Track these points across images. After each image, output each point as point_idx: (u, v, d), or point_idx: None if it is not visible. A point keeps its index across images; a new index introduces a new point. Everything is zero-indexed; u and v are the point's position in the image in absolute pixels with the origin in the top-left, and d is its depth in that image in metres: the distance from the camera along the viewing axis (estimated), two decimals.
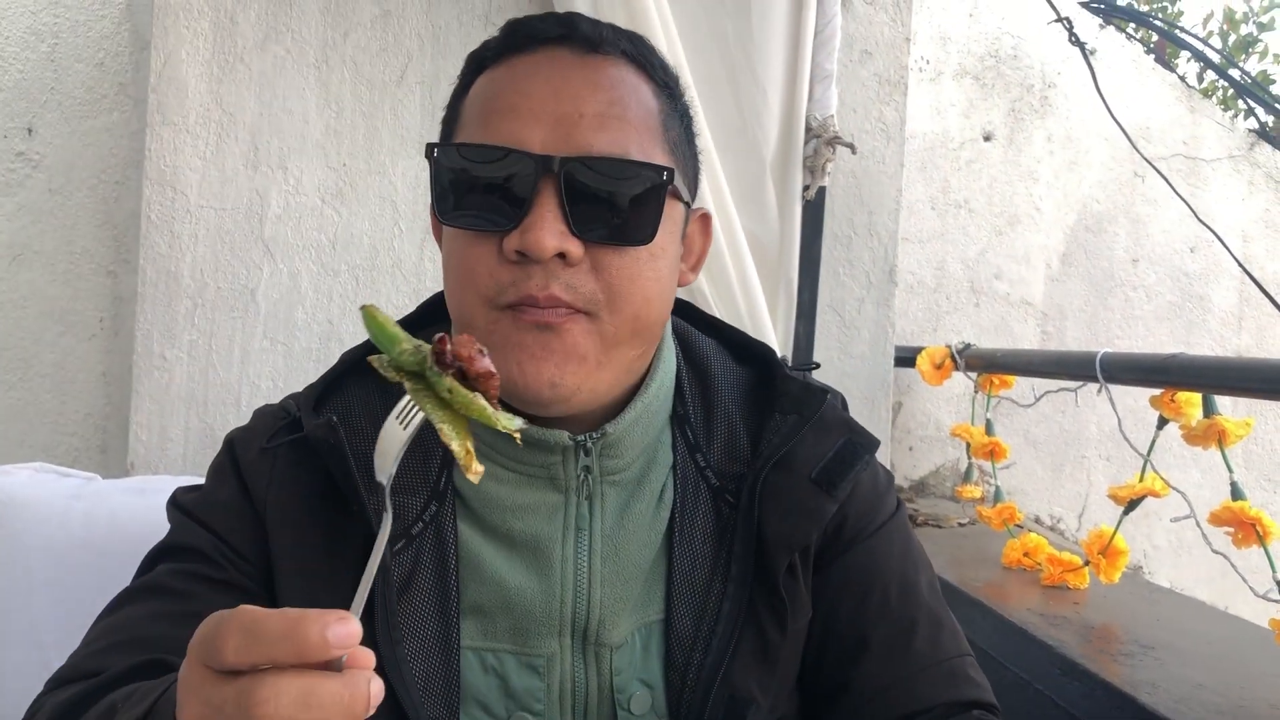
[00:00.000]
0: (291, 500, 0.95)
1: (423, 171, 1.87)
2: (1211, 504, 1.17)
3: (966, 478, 1.96)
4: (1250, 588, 1.16)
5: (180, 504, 1.00)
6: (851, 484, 0.99)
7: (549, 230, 0.84)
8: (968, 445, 1.86)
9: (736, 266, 1.74)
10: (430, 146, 0.90)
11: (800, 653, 0.99)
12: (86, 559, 1.43)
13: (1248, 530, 1.14)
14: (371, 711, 0.58)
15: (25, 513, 1.51)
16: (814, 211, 1.84)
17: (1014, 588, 1.53)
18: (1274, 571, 1.13)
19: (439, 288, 1.02)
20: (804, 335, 1.79)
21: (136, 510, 1.44)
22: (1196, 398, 1.26)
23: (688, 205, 0.96)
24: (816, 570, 0.99)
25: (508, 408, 0.81)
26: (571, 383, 0.89)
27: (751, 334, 1.66)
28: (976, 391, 1.87)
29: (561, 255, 0.85)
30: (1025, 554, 1.58)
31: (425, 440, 0.96)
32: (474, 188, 0.88)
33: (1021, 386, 1.84)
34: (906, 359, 1.97)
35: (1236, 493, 1.19)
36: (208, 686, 0.58)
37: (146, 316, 1.81)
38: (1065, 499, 1.98)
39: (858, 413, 1.90)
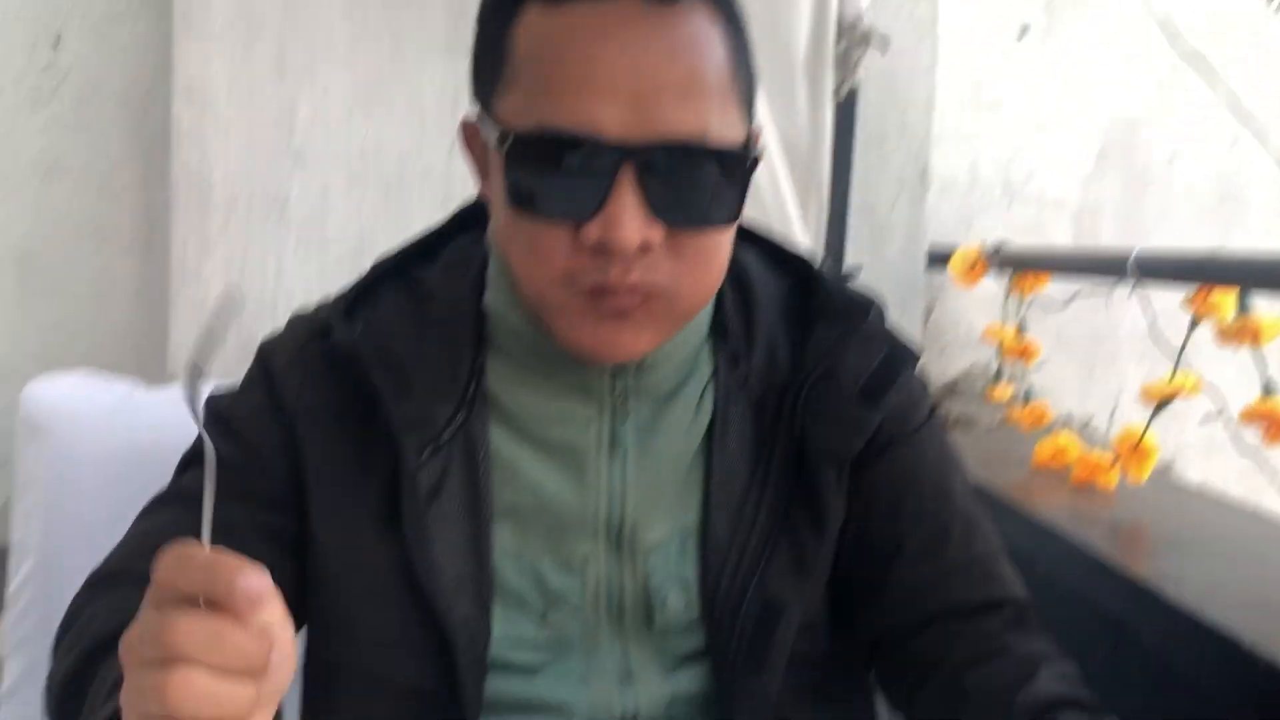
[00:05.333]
0: (322, 408, 0.97)
1: (449, 80, 1.85)
2: (1244, 405, 1.17)
3: (997, 379, 1.96)
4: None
5: (212, 410, 1.02)
6: (895, 396, 1.00)
7: (631, 223, 0.80)
8: (999, 346, 1.86)
9: (767, 170, 1.73)
10: (505, 134, 0.84)
11: (832, 557, 1.01)
12: (130, 465, 1.48)
13: (1278, 428, 1.14)
14: (269, 673, 0.61)
15: (71, 421, 1.55)
16: (845, 112, 1.83)
17: (1043, 487, 1.55)
18: None
19: (467, 195, 1.02)
20: (835, 238, 1.78)
21: (178, 418, 1.47)
22: (1231, 296, 1.25)
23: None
24: (852, 476, 1.00)
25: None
26: (640, 352, 0.90)
27: (780, 238, 1.65)
28: (1009, 293, 1.87)
29: (644, 245, 0.82)
30: (1054, 454, 1.59)
31: (454, 349, 0.97)
32: (546, 174, 0.83)
33: (1055, 288, 1.83)
34: (939, 260, 1.96)
35: (1269, 389, 1.19)
36: (144, 615, 0.61)
37: (181, 229, 1.83)
38: (1097, 399, 1.98)
39: (891, 316, 1.91)
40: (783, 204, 1.75)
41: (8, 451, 2.01)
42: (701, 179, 0.84)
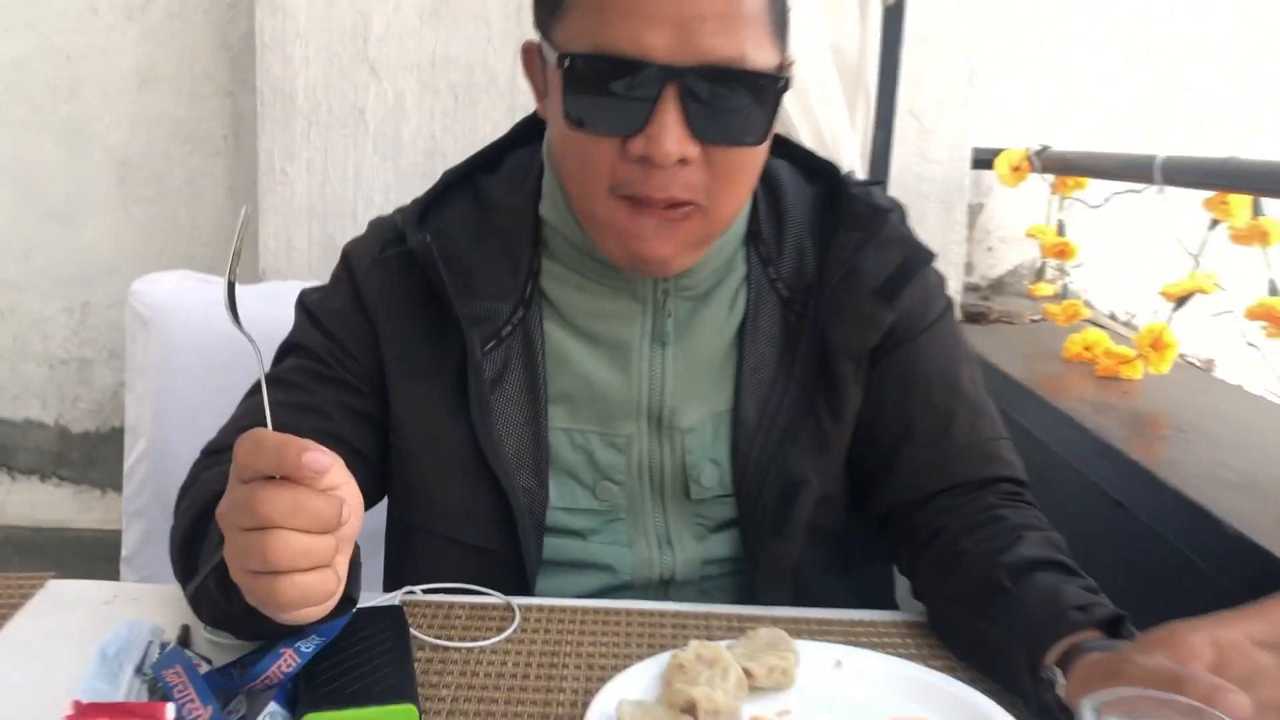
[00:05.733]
0: (400, 305, 1.10)
1: None
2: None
3: (1040, 276, 2.04)
4: None
5: (304, 305, 1.16)
6: (909, 296, 1.11)
7: (672, 138, 0.90)
8: (1040, 246, 1.94)
9: (817, 77, 1.80)
10: (563, 57, 0.93)
11: (849, 439, 1.12)
12: (228, 354, 1.62)
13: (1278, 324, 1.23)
14: (343, 525, 0.74)
15: (174, 316, 1.71)
16: (894, 17, 1.88)
17: (1071, 379, 1.64)
18: None
19: (532, 106, 1.13)
20: (882, 142, 1.86)
21: (269, 312, 1.60)
22: (1246, 200, 1.32)
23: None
24: (869, 368, 1.12)
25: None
26: (680, 263, 1.01)
27: (830, 143, 1.74)
28: (1053, 193, 1.93)
29: (682, 159, 0.92)
30: (1085, 348, 1.68)
31: (513, 253, 1.10)
32: (597, 92, 0.94)
33: (1097, 190, 1.89)
34: (985, 161, 2.03)
35: (1274, 289, 1.27)
36: (232, 490, 0.75)
37: (267, 135, 1.97)
38: (1139, 297, 2.05)
39: (934, 216, 2.00)
40: (831, 108, 1.83)
41: (119, 342, 2.20)
42: (736, 101, 0.94)
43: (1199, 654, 0.73)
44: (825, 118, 1.83)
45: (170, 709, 0.74)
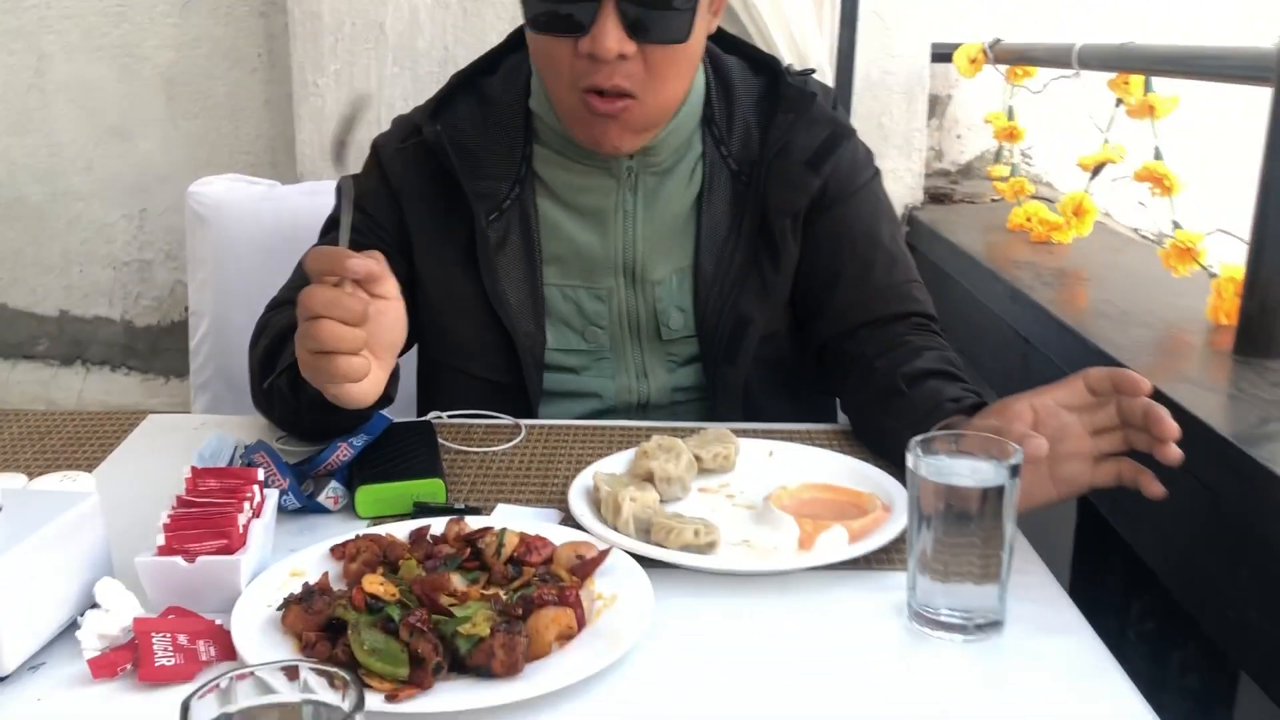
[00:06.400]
0: (419, 185, 1.35)
1: None
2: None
3: (998, 159, 2.25)
4: (1165, 229, 1.49)
5: (341, 187, 1.42)
6: (834, 164, 1.35)
7: (612, 38, 1.15)
8: (993, 129, 2.15)
9: None
10: None
11: (790, 286, 1.37)
12: (276, 242, 1.87)
13: (1160, 184, 1.45)
14: (366, 319, 0.98)
15: (228, 212, 1.97)
16: None
17: (1011, 246, 1.87)
18: (1172, 214, 1.46)
19: None
20: (847, 40, 2.06)
21: (311, 206, 1.85)
22: (1140, 80, 1.54)
23: None
24: (805, 225, 1.36)
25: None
26: (631, 145, 1.27)
27: (800, 43, 1.97)
28: (1005, 82, 2.14)
29: (621, 54, 1.17)
30: (1027, 219, 1.90)
31: (510, 141, 1.34)
32: (550, 3, 1.18)
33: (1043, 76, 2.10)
34: (946, 56, 2.23)
35: (1158, 155, 1.50)
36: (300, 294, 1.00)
37: (299, 50, 2.20)
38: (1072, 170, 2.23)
39: (898, 107, 2.21)
40: (801, 11, 2.03)
41: (175, 244, 2.47)
42: (662, 8, 1.17)
43: (1021, 415, 0.99)
44: (796, 20, 2.04)
45: (260, 472, 1.00)
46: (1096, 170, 1.71)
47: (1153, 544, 1.22)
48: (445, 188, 1.34)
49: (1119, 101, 1.61)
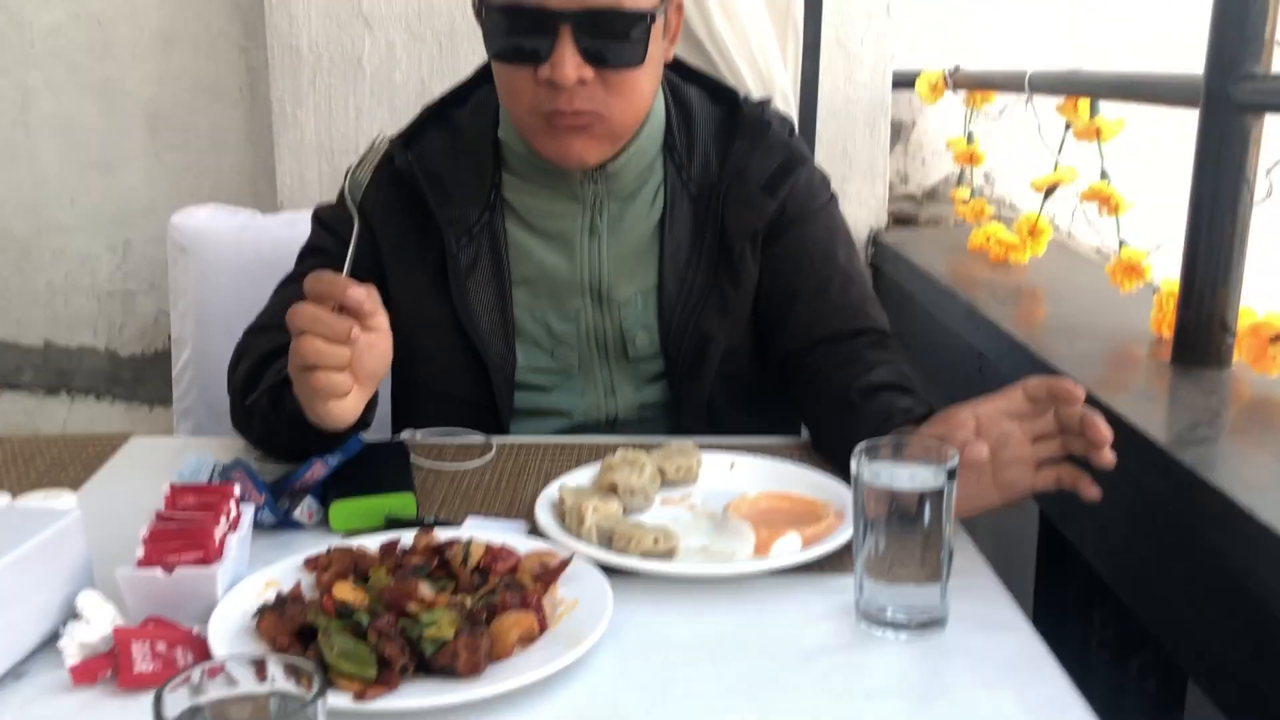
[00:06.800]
0: (392, 212, 1.40)
1: None
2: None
3: (960, 182, 2.32)
4: (1110, 247, 1.55)
5: (318, 217, 1.47)
6: (789, 188, 1.40)
7: (570, 65, 1.21)
8: (953, 154, 2.21)
9: (749, 12, 2.07)
10: (484, 9, 1.26)
11: (750, 304, 1.42)
12: (257, 271, 1.91)
13: (1107, 203, 1.51)
14: (349, 339, 1.03)
15: (209, 240, 2.01)
16: None
17: (971, 266, 1.93)
18: (1119, 232, 1.52)
19: None
20: (810, 69, 2.13)
21: (291, 236, 1.89)
22: (1086, 103, 1.60)
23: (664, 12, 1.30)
24: (765, 246, 1.42)
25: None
26: (594, 159, 1.32)
27: (765, 74, 2.03)
28: (964, 107, 2.21)
29: (580, 80, 1.22)
30: (986, 239, 1.96)
31: (479, 168, 1.39)
32: (512, 33, 1.24)
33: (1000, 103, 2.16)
34: (908, 82, 2.29)
35: (1104, 175, 1.56)
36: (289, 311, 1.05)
37: (278, 85, 2.25)
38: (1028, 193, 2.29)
39: (861, 134, 2.27)
40: (764, 41, 2.10)
41: (157, 275, 2.51)
42: (617, 36, 1.23)
43: (965, 423, 1.04)
44: (760, 50, 2.10)
45: (236, 488, 1.04)
46: (1049, 191, 1.77)
47: (1102, 553, 1.27)
48: (416, 215, 1.39)
49: (1069, 125, 1.67)
